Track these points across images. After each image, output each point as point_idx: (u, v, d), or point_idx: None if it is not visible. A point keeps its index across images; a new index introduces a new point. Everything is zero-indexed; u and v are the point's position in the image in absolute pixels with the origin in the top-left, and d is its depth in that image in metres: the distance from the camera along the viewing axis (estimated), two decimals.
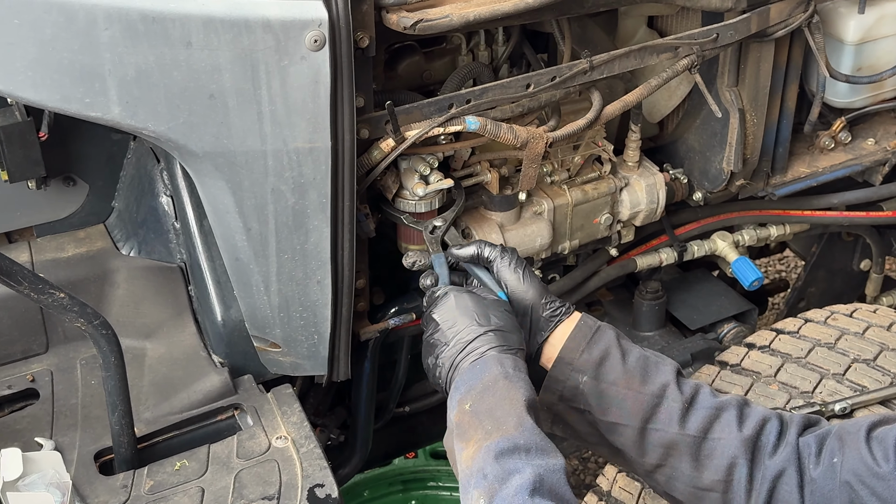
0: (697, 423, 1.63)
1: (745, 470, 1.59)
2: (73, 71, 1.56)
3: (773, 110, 2.31)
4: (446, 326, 1.63)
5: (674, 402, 1.65)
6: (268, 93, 1.62)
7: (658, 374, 1.68)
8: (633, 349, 1.71)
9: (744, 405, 1.66)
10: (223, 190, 1.73)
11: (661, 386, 1.66)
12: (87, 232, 2.27)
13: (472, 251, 1.79)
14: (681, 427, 1.63)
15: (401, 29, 1.73)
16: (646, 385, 1.66)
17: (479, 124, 1.86)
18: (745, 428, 1.62)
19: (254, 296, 1.89)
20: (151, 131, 1.64)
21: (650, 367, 1.69)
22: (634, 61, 2.01)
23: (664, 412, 1.65)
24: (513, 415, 1.46)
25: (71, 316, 1.66)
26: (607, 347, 1.70)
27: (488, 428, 1.44)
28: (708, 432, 1.63)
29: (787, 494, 1.57)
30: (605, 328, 1.73)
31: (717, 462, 1.61)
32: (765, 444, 1.61)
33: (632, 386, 1.67)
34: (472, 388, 1.52)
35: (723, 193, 2.42)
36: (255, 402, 1.95)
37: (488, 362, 1.54)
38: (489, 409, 1.47)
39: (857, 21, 2.29)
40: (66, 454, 1.83)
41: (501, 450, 1.41)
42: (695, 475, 1.63)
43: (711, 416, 1.64)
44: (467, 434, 1.48)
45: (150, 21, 1.54)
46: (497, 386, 1.50)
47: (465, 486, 1.43)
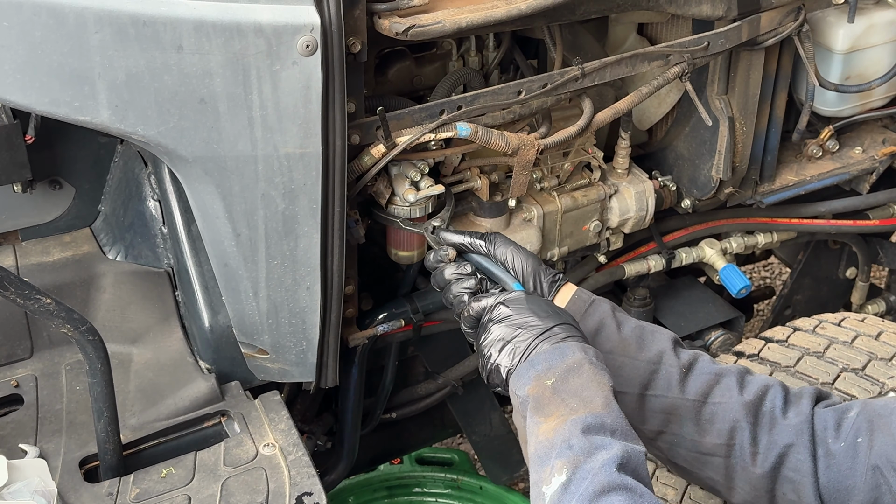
0: (697, 388, 1.63)
1: (748, 433, 1.59)
2: (63, 74, 1.54)
3: (762, 118, 2.31)
4: (519, 315, 1.56)
5: (671, 367, 1.64)
6: (259, 98, 1.61)
7: (654, 342, 1.67)
8: (629, 320, 1.71)
9: (745, 373, 1.66)
10: (213, 195, 1.72)
11: (658, 353, 1.66)
12: (73, 236, 2.25)
13: (460, 239, 1.79)
14: (680, 391, 1.63)
15: (393, 34, 1.72)
16: (642, 352, 1.66)
17: (470, 131, 1.86)
18: (745, 393, 1.61)
19: (242, 301, 1.88)
20: (141, 136, 1.62)
21: (646, 335, 1.68)
22: (626, 69, 2.01)
23: (662, 378, 1.64)
24: (600, 395, 1.42)
25: (57, 322, 1.64)
26: (602, 318, 1.70)
27: (573, 405, 1.41)
28: (708, 396, 1.62)
29: (799, 463, 1.56)
30: (599, 300, 1.73)
31: (719, 426, 1.60)
32: (768, 410, 1.60)
33: (628, 353, 1.66)
34: (552, 366, 1.47)
35: (711, 201, 2.42)
36: (243, 409, 1.93)
37: (572, 346, 1.49)
38: (575, 389, 1.43)
39: (846, 30, 2.30)
40: (51, 461, 1.81)
41: (589, 425, 1.37)
42: (697, 440, 1.62)
43: (711, 381, 1.63)
44: (548, 409, 1.43)
45: (140, 24, 1.52)
46: (583, 369, 1.45)
47: (544, 457, 1.38)
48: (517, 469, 2.87)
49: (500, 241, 1.77)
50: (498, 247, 1.76)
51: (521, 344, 1.52)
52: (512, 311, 1.57)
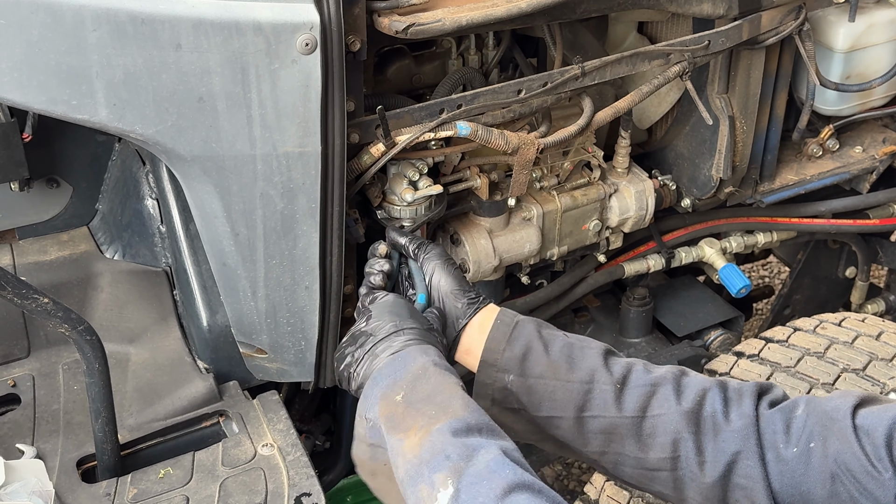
0: (633, 403, 1.57)
1: (692, 443, 1.53)
2: (60, 72, 1.53)
3: (762, 118, 2.31)
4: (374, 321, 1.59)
5: (605, 385, 1.58)
6: (258, 96, 1.60)
7: (584, 360, 1.61)
8: (556, 338, 1.65)
9: (680, 376, 1.60)
10: (211, 194, 1.71)
11: (589, 371, 1.60)
12: (70, 235, 2.24)
13: (402, 241, 1.81)
14: (617, 410, 1.57)
15: (392, 33, 1.71)
16: (573, 373, 1.60)
17: (470, 130, 1.85)
18: (683, 401, 1.55)
19: (241, 301, 1.87)
20: (139, 134, 1.61)
21: (575, 353, 1.62)
22: (626, 67, 2.00)
23: (597, 397, 1.58)
24: (456, 397, 1.39)
25: (55, 321, 1.63)
26: (528, 341, 1.63)
27: (431, 413, 1.36)
28: (646, 410, 1.57)
29: (749, 469, 1.50)
30: (524, 322, 1.66)
31: (661, 439, 1.55)
32: (709, 415, 1.54)
33: (559, 376, 1.60)
34: (397, 379, 1.44)
35: (711, 200, 2.41)
36: (241, 409, 1.93)
37: (411, 353, 1.48)
38: (427, 396, 1.39)
39: (846, 29, 2.29)
40: (48, 461, 1.80)
41: (457, 429, 1.33)
42: (640, 456, 1.57)
43: (647, 394, 1.57)
44: (404, 424, 1.38)
45: (139, 22, 1.51)
46: (428, 373, 1.43)
47: (416, 476, 1.31)
48: None
49: (432, 253, 1.75)
50: (426, 258, 1.75)
51: (366, 348, 1.55)
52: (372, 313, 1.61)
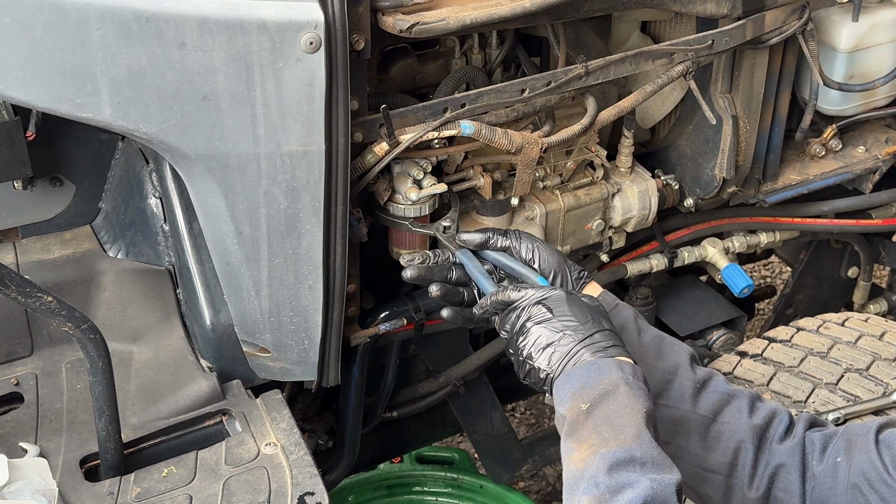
0: (708, 405, 1.63)
1: (751, 456, 1.60)
2: (65, 71, 1.53)
3: (765, 117, 2.30)
4: (560, 319, 1.51)
5: (686, 380, 1.64)
6: (262, 95, 1.60)
7: (672, 354, 1.67)
8: (650, 328, 1.71)
9: (756, 398, 1.66)
10: (215, 193, 1.71)
11: (675, 364, 1.65)
12: (73, 233, 2.24)
13: (481, 238, 1.75)
14: (692, 405, 1.63)
15: (397, 32, 1.71)
16: (659, 361, 1.65)
17: (474, 129, 1.85)
18: (755, 416, 1.62)
19: (244, 300, 1.87)
20: (143, 133, 1.61)
21: (665, 346, 1.68)
22: (629, 67, 2.00)
23: (676, 389, 1.64)
24: (632, 425, 1.39)
25: (59, 320, 1.63)
26: (624, 322, 1.69)
27: (605, 435, 1.38)
28: (718, 415, 1.63)
29: (789, 484, 1.58)
30: (623, 305, 1.72)
31: (725, 445, 1.61)
32: (772, 436, 1.61)
33: (645, 360, 1.65)
34: (587, 385, 1.43)
35: (714, 200, 2.41)
36: (244, 408, 1.93)
37: (609, 364, 1.45)
38: (608, 415, 1.40)
39: (850, 29, 2.29)
40: (52, 460, 1.80)
41: (617, 460, 1.35)
42: (701, 455, 1.63)
43: (723, 401, 1.63)
44: (580, 435, 1.41)
45: (143, 21, 1.51)
46: (618, 392, 1.41)
47: (573, 487, 1.37)
48: (518, 468, 2.87)
49: (523, 236, 1.74)
50: (522, 242, 1.73)
51: (562, 348, 1.49)
52: (552, 314, 1.52)
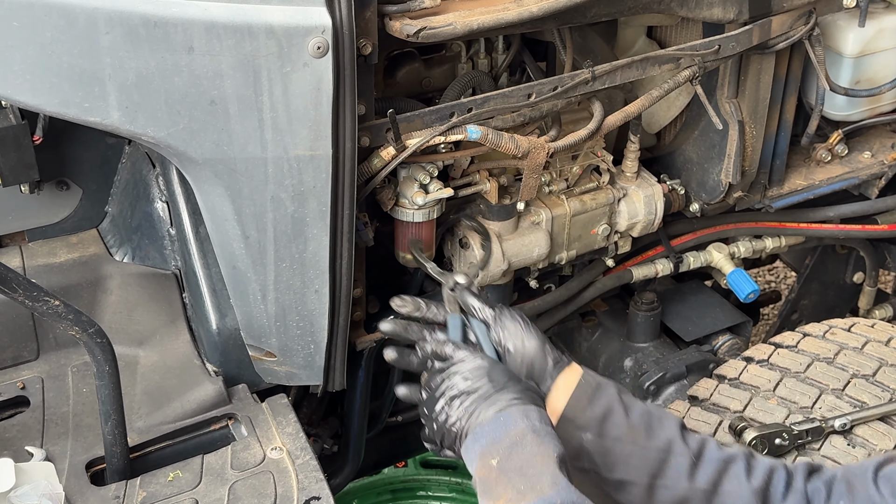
0: (707, 477, 1.57)
1: None
2: (73, 75, 1.53)
3: (771, 122, 2.30)
4: (463, 379, 1.53)
5: (681, 456, 1.58)
6: (269, 99, 1.60)
7: (663, 429, 1.61)
8: (636, 403, 1.64)
9: (750, 456, 1.61)
10: (222, 197, 1.71)
11: (667, 440, 1.59)
12: (79, 237, 2.24)
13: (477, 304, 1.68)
14: (690, 481, 1.57)
15: (404, 36, 1.72)
16: (651, 440, 1.59)
17: (480, 133, 1.85)
18: (753, 479, 1.56)
19: (250, 304, 1.87)
20: (151, 137, 1.62)
21: (654, 421, 1.61)
22: (636, 72, 2.00)
23: (673, 467, 1.58)
24: (546, 473, 1.38)
25: (66, 324, 1.63)
26: (610, 403, 1.61)
27: (521, 487, 1.37)
28: (718, 485, 1.57)
29: None
30: (606, 384, 1.64)
31: None
32: (774, 494, 1.56)
33: (637, 441, 1.59)
34: (496, 440, 1.43)
35: (720, 205, 2.41)
36: (250, 412, 1.93)
37: (513, 414, 1.46)
38: (519, 466, 1.39)
39: (856, 34, 2.28)
40: (58, 463, 1.80)
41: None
42: None
43: (720, 469, 1.58)
44: (495, 492, 1.39)
45: (151, 25, 1.51)
46: (525, 441, 1.41)
47: None
48: None
49: (514, 314, 1.66)
50: (508, 318, 1.65)
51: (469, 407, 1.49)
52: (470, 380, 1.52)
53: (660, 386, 2.45)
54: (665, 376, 2.47)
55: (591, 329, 2.71)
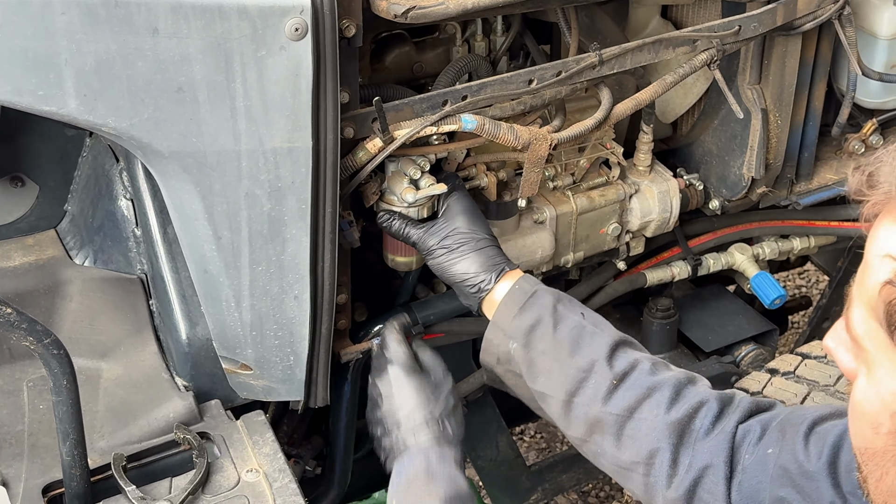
0: (623, 402, 1.70)
1: (668, 455, 1.65)
2: (25, 60, 1.53)
3: (798, 111, 2.31)
4: (387, 408, 1.82)
5: (601, 377, 1.72)
6: (243, 86, 1.61)
7: (590, 347, 1.75)
8: (570, 318, 1.78)
9: (684, 384, 1.71)
10: (191, 194, 1.71)
11: (590, 360, 1.74)
12: (36, 238, 2.24)
13: None
14: (604, 404, 1.71)
15: (391, 17, 1.72)
16: (573, 357, 1.75)
17: (476, 123, 1.85)
18: (674, 410, 1.67)
19: (223, 312, 1.87)
20: (112, 128, 1.62)
21: (584, 338, 1.76)
22: (648, 55, 2.00)
23: (589, 387, 1.73)
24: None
25: (18, 334, 1.63)
26: (540, 315, 1.78)
27: None
28: (634, 412, 1.69)
29: (713, 486, 1.60)
30: (542, 293, 1.81)
31: (640, 444, 1.68)
32: (696, 429, 1.65)
33: (559, 357, 1.76)
34: (398, 482, 1.71)
35: (742, 202, 2.41)
36: (224, 431, 1.93)
37: (413, 457, 1.73)
38: None
39: (891, 13, 2.29)
40: (12, 487, 1.80)
41: None
42: (616, 453, 1.71)
43: (641, 396, 1.70)
44: None
45: (112, 5, 1.51)
46: (417, 482, 1.67)
47: None
48: (526, 497, 2.87)
49: None
50: None
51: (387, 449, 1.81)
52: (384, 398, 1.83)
53: None
54: None
55: None
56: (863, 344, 1.12)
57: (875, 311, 1.09)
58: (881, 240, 1.10)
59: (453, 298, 2.22)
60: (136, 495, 1.76)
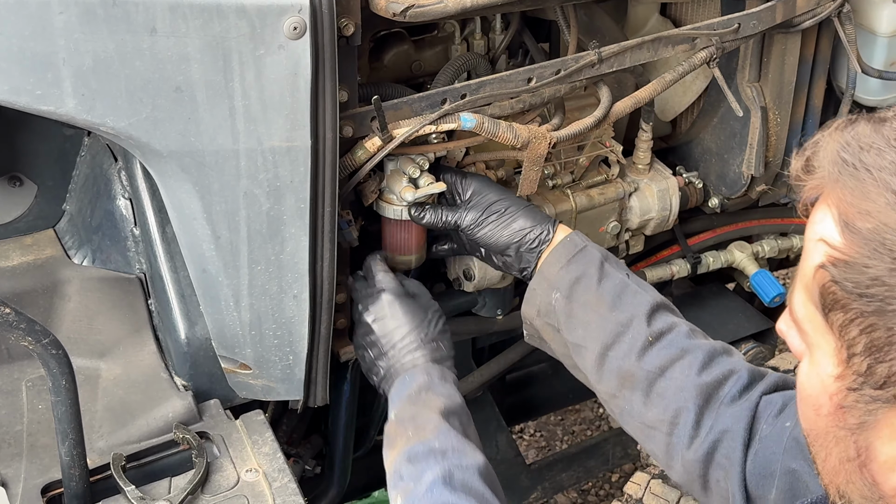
0: (657, 360, 1.74)
1: (692, 416, 1.68)
2: (23, 59, 1.53)
3: (798, 108, 2.31)
4: (381, 333, 1.88)
5: (638, 333, 1.76)
6: (241, 86, 1.61)
7: (631, 304, 1.79)
8: (615, 275, 1.83)
9: (719, 353, 1.74)
10: (190, 193, 1.71)
11: (629, 316, 1.78)
12: (34, 238, 2.24)
13: None
14: (638, 360, 1.75)
15: (389, 15, 1.72)
16: (614, 311, 1.79)
17: (475, 122, 1.85)
18: (705, 374, 1.70)
19: (222, 311, 1.87)
20: (110, 127, 1.62)
21: (627, 295, 1.80)
22: (647, 53, 2.00)
23: (625, 342, 1.77)
24: (431, 420, 1.68)
25: (17, 334, 1.63)
26: (585, 268, 1.83)
27: (409, 434, 1.67)
28: (666, 371, 1.73)
29: (731, 451, 1.63)
30: (591, 248, 1.86)
31: (667, 402, 1.71)
32: (723, 396, 1.68)
33: (599, 310, 1.79)
34: (400, 398, 1.77)
35: (741, 200, 2.41)
36: (223, 431, 1.93)
37: (415, 374, 1.80)
38: (412, 416, 1.71)
39: (891, 10, 2.28)
40: (10, 488, 1.80)
41: (416, 453, 1.63)
42: (643, 411, 1.75)
43: (674, 356, 1.73)
44: (394, 442, 1.70)
45: (110, 4, 1.51)
46: (419, 396, 1.74)
47: (390, 486, 1.67)
48: (526, 496, 2.87)
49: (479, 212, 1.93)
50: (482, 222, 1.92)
51: (381, 372, 1.87)
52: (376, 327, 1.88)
53: None
54: None
55: None
56: (803, 327, 1.14)
57: (811, 294, 1.10)
58: (816, 224, 1.11)
59: (453, 297, 2.22)
60: (135, 495, 1.76)
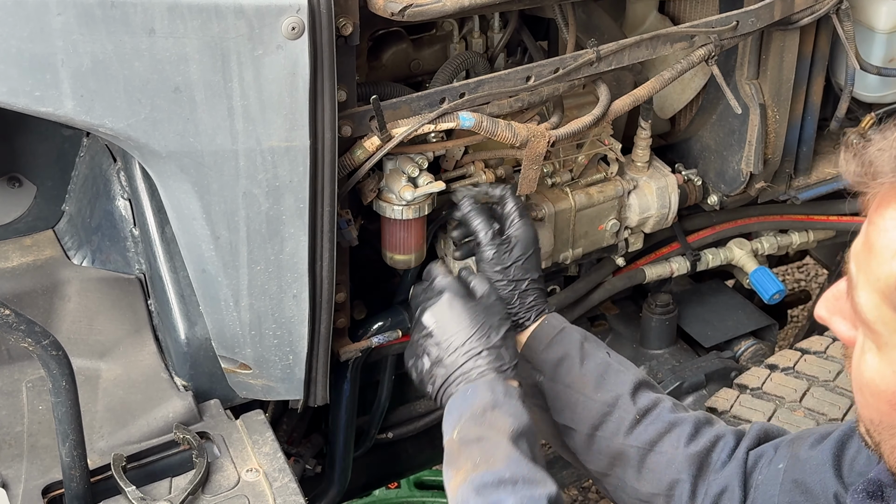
0: (645, 436, 1.74)
1: (688, 486, 1.69)
2: (22, 61, 1.53)
3: (796, 105, 2.31)
4: (441, 336, 1.70)
5: (625, 412, 1.76)
6: (240, 86, 1.61)
7: (615, 384, 1.79)
8: (596, 355, 1.82)
9: (704, 423, 1.75)
10: (189, 193, 1.71)
11: (615, 396, 1.78)
12: (34, 239, 2.24)
13: None
14: (627, 437, 1.75)
15: (388, 15, 1.72)
16: (598, 392, 1.78)
17: (474, 121, 1.85)
18: (693, 444, 1.71)
19: (222, 311, 1.87)
20: (109, 128, 1.62)
21: (609, 374, 1.80)
22: (646, 51, 2.00)
23: (613, 422, 1.77)
24: (500, 446, 1.54)
25: (17, 335, 1.63)
26: (567, 350, 1.82)
27: (476, 460, 1.54)
28: (655, 445, 1.74)
29: (731, 502, 1.65)
30: (571, 330, 1.85)
31: (660, 476, 1.72)
32: (714, 462, 1.70)
33: (584, 391, 1.79)
34: (462, 415, 1.61)
35: (741, 197, 2.41)
36: (223, 430, 1.93)
37: (479, 389, 1.63)
38: (477, 438, 1.56)
39: (889, 7, 2.29)
40: (11, 489, 1.80)
41: (485, 483, 1.50)
42: (636, 486, 1.75)
43: (663, 431, 1.74)
44: (457, 462, 1.57)
45: (108, 6, 1.51)
46: (485, 416, 1.58)
47: None
48: None
49: None
50: None
51: (438, 380, 1.69)
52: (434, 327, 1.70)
53: (676, 396, 2.46)
54: (682, 386, 2.48)
55: (601, 334, 2.71)
56: (874, 328, 1.16)
57: (887, 298, 1.13)
58: (891, 231, 1.12)
59: None
60: (135, 495, 1.76)
